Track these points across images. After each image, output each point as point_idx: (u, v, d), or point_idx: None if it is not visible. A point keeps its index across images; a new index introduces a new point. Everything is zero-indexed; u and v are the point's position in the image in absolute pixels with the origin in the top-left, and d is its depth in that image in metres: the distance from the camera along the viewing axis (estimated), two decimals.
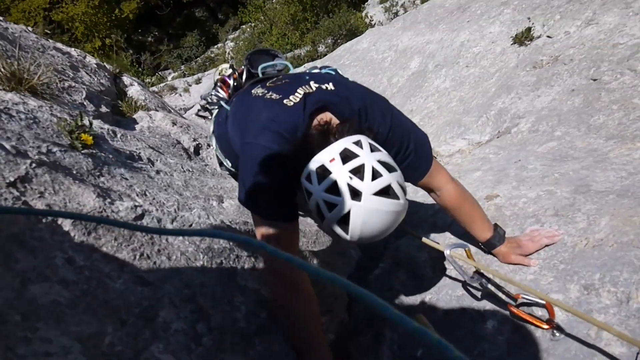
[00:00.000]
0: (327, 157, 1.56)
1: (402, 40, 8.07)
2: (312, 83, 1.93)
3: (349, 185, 1.50)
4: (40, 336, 1.11)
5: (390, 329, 2.19)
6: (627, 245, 1.80)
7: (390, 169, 1.57)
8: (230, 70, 2.67)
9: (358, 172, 1.51)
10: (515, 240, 2.11)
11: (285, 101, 1.84)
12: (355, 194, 1.50)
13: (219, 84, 2.61)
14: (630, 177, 2.30)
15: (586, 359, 1.54)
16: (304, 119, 1.77)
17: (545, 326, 1.69)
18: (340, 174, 1.51)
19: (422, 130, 2.07)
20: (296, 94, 1.86)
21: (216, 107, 2.52)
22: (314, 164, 1.59)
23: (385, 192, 1.53)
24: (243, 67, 2.57)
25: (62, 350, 1.11)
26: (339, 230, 1.60)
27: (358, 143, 1.58)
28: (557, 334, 1.67)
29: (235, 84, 2.52)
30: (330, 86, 1.92)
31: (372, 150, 1.58)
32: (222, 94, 2.54)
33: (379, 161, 1.55)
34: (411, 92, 6.35)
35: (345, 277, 2.54)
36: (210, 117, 2.68)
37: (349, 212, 1.52)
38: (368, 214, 1.51)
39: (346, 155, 1.54)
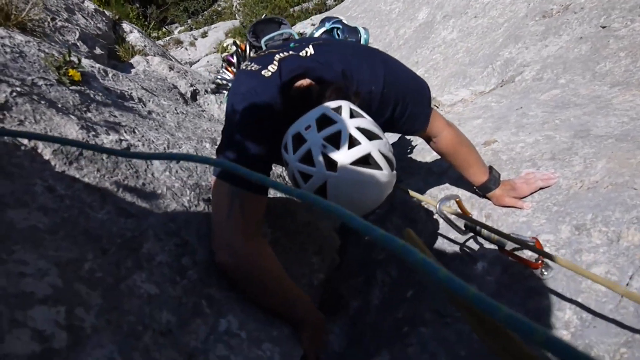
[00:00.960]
0: (303, 124, 1.44)
1: None
2: (290, 50, 1.80)
3: (323, 154, 1.37)
4: (16, 258, 1.10)
5: (382, 271, 2.20)
6: (622, 186, 1.77)
7: (371, 136, 1.41)
8: (234, 48, 2.56)
9: (334, 140, 1.38)
10: (510, 183, 2.08)
11: (263, 72, 1.70)
12: (331, 164, 1.36)
13: (223, 65, 2.52)
14: (632, 122, 2.24)
15: (573, 297, 1.53)
16: (280, 87, 1.65)
17: (535, 264, 1.68)
18: (314, 142, 1.39)
19: (421, 79, 1.99)
20: (273, 62, 1.72)
21: (226, 89, 2.45)
22: (291, 131, 1.48)
23: (364, 161, 1.39)
24: (246, 42, 2.46)
25: (38, 272, 1.10)
26: None
27: (338, 109, 1.45)
28: (546, 273, 1.65)
29: (239, 60, 2.43)
30: (310, 50, 1.79)
31: (352, 117, 1.44)
32: (228, 75, 2.46)
33: (358, 128, 1.40)
34: (417, 44, 6.21)
35: (340, 222, 2.54)
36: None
37: (325, 184, 1.38)
38: (345, 185, 1.38)
39: (323, 122, 1.42)
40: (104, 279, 1.27)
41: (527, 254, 1.79)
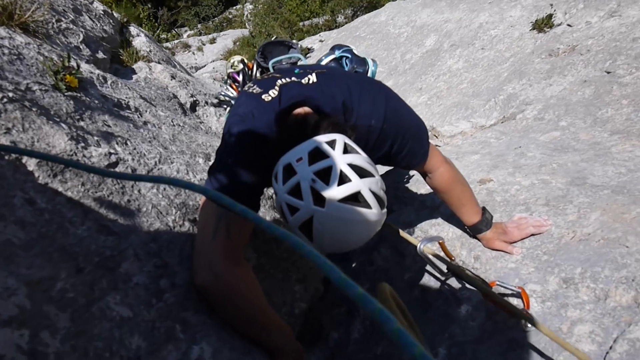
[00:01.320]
0: (295, 155, 1.41)
1: (421, 17, 7.88)
2: (293, 76, 1.78)
3: (312, 188, 1.34)
4: None
5: None
6: (614, 242, 1.74)
7: (362, 173, 1.38)
8: (241, 65, 2.54)
9: (324, 174, 1.34)
10: (502, 227, 2.05)
11: (263, 96, 1.68)
12: (319, 199, 1.33)
13: (228, 81, 2.51)
14: (629, 174, 2.23)
15: (555, 353, 1.50)
16: (278, 114, 1.63)
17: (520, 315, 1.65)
18: (304, 176, 1.36)
19: (417, 115, 1.97)
20: (275, 87, 1.71)
21: (228, 105, 2.43)
22: (282, 161, 1.44)
23: (354, 198, 1.35)
24: (254, 61, 2.44)
25: (5, 292, 1.07)
26: (302, 236, 1.41)
27: (332, 143, 1.42)
28: (529, 325, 1.62)
29: (244, 79, 2.41)
30: (313, 78, 1.77)
31: (345, 152, 1.41)
32: (232, 92, 2.45)
33: (350, 164, 1.37)
34: (423, 70, 6.21)
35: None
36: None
37: (311, 219, 1.35)
38: (332, 222, 1.34)
39: (315, 155, 1.38)
40: (76, 299, 1.23)
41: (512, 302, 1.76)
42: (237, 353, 1.56)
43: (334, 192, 1.33)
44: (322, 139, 1.44)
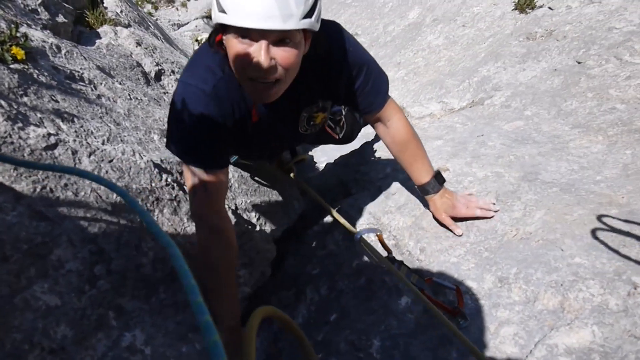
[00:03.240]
0: None
1: None
2: None
3: None
4: None
5: (313, 288, 2.19)
6: (551, 244, 1.77)
7: None
8: None
9: None
10: (451, 199, 2.07)
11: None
12: None
13: None
14: (581, 171, 2.25)
15: (483, 350, 1.54)
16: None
17: (451, 312, 1.69)
18: None
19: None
20: None
21: None
22: None
23: None
24: None
25: None
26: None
27: None
28: (461, 322, 1.66)
29: None
30: None
31: None
32: None
33: None
34: (403, 44, 6.15)
35: (283, 229, 2.52)
36: None
37: None
38: None
39: None
40: None
41: (448, 297, 1.80)
42: (171, 338, 1.58)
43: None
44: None
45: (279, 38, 1.39)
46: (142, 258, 1.64)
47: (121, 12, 4.19)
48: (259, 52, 1.38)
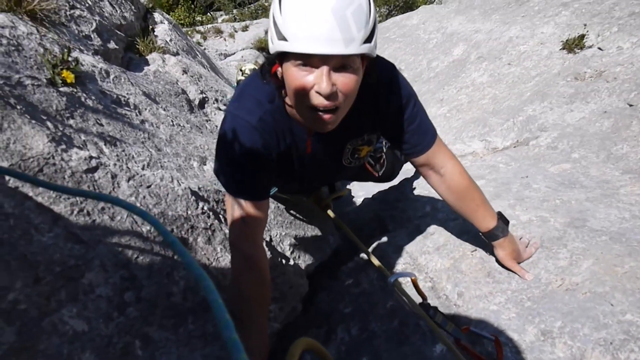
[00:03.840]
0: None
1: (452, 24, 7.75)
2: None
3: None
4: None
5: (344, 327, 2.12)
6: (600, 298, 1.66)
7: None
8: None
9: None
10: (516, 242, 1.98)
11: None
12: None
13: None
14: (632, 220, 2.13)
15: None
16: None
17: None
18: None
19: None
20: None
21: None
22: None
23: None
24: None
25: None
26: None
27: None
28: None
29: None
30: None
31: None
32: None
33: None
34: (446, 80, 6.11)
35: (317, 264, 2.47)
36: None
37: None
38: None
39: None
40: (27, 311, 1.22)
41: (487, 348, 1.70)
42: None
43: None
44: None
45: (340, 64, 1.38)
46: (173, 287, 1.62)
47: (170, 40, 4.31)
48: (321, 77, 1.37)
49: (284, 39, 1.35)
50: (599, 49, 4.79)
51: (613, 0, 5.46)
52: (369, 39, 1.38)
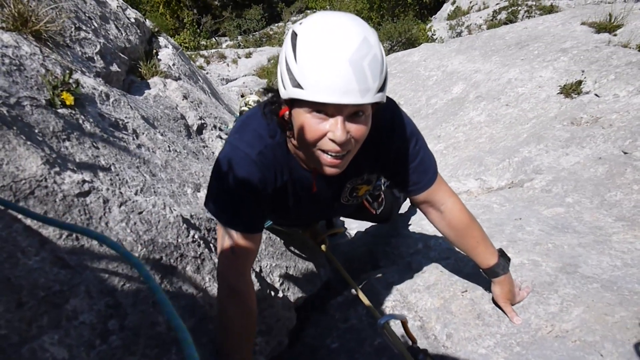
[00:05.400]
0: None
1: (453, 63, 7.86)
2: None
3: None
4: None
5: None
6: (589, 347, 1.65)
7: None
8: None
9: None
10: (513, 283, 1.97)
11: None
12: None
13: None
14: (624, 268, 2.13)
15: None
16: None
17: None
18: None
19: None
20: None
21: None
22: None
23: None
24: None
25: None
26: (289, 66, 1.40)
27: None
28: None
29: None
30: None
31: None
32: None
33: None
34: (445, 118, 6.16)
35: (306, 296, 2.44)
36: None
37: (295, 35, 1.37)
38: (314, 29, 1.35)
39: None
40: (8, 337, 1.20)
41: None
42: None
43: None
44: None
45: (353, 112, 1.39)
46: (158, 316, 1.59)
47: (173, 65, 4.35)
48: (335, 126, 1.38)
49: (299, 87, 1.35)
50: (596, 95, 4.85)
51: (611, 49, 5.55)
52: (382, 88, 1.40)
